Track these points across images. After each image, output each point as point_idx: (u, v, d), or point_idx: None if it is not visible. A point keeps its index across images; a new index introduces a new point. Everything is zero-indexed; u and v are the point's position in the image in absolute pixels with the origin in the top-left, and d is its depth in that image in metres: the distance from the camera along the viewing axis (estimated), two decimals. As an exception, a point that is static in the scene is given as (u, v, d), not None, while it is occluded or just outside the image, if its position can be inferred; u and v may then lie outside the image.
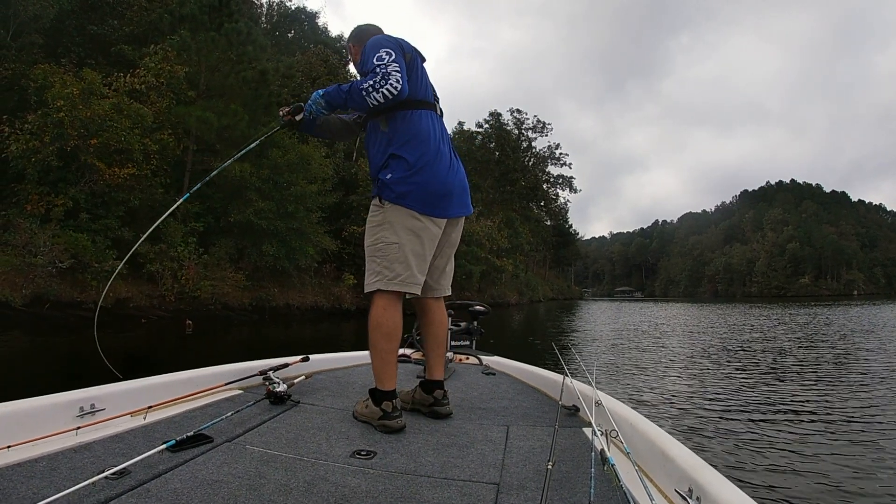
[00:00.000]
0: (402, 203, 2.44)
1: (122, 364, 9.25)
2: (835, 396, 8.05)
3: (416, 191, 2.43)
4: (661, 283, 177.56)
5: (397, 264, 2.43)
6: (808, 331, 20.20)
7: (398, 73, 2.29)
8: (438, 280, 2.75)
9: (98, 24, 24.47)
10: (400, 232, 2.44)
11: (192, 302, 20.34)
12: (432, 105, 2.59)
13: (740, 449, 5.43)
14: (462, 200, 2.63)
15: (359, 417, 2.47)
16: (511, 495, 1.67)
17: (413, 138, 2.46)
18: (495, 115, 71.25)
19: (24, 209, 17.67)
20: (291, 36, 49.07)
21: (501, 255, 47.36)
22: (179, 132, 22.32)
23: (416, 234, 2.46)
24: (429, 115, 2.54)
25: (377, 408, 2.38)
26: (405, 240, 2.44)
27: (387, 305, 2.45)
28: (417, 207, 2.45)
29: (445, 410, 2.63)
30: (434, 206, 2.48)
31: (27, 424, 1.87)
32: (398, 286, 2.44)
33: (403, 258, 2.44)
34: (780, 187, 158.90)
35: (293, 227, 24.33)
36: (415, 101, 2.49)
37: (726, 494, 1.41)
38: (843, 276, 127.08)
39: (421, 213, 2.46)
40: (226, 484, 1.63)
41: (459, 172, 2.61)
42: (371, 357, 2.46)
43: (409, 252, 2.45)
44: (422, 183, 2.44)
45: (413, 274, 2.46)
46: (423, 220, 2.47)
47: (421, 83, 2.54)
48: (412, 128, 2.47)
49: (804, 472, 4.76)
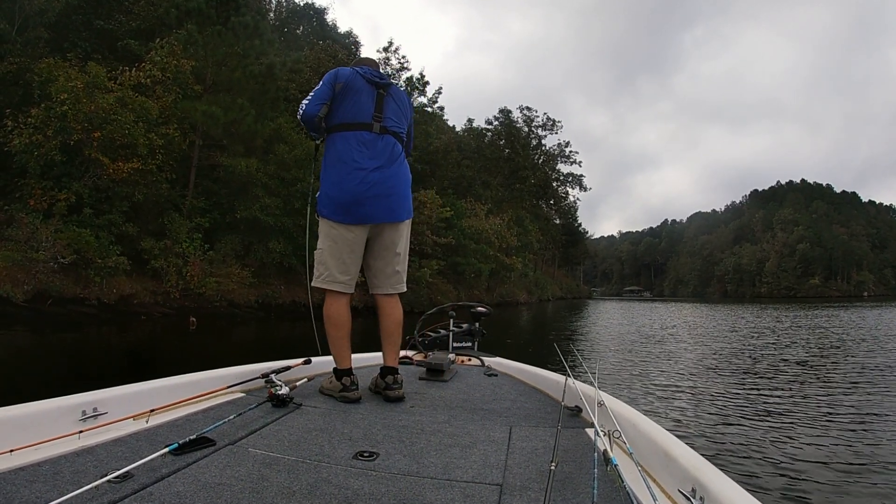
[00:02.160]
0: (323, 215, 2.96)
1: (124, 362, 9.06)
2: (840, 398, 8.12)
3: (329, 203, 2.92)
4: (670, 282, 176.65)
5: (321, 266, 2.99)
6: (815, 332, 20.24)
7: (305, 103, 2.93)
8: (379, 279, 3.14)
9: (105, 18, 24.33)
10: (324, 239, 2.98)
11: (198, 299, 20.09)
12: (364, 125, 2.95)
13: (744, 449, 5.48)
14: (386, 207, 2.96)
15: (324, 391, 2.96)
16: (514, 496, 1.67)
17: (334, 157, 2.93)
18: (505, 112, 70.75)
19: (27, 204, 17.51)
20: (300, 32, 48.89)
21: (511, 254, 46.87)
22: (185, 127, 22.05)
23: (333, 241, 2.95)
24: (356, 135, 2.93)
25: (338, 382, 2.89)
26: (325, 245, 2.97)
27: (331, 301, 2.99)
28: (332, 217, 2.93)
29: (395, 394, 2.93)
30: (345, 215, 2.91)
31: (29, 428, 1.87)
32: (322, 284, 2.99)
33: (324, 261, 2.97)
34: (790, 187, 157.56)
35: (300, 224, 23.93)
36: (342, 124, 2.95)
37: (730, 494, 1.41)
38: (854, 277, 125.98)
39: (335, 222, 2.93)
40: (228, 487, 1.63)
41: (387, 184, 2.95)
42: (328, 342, 2.99)
43: (328, 256, 2.96)
44: (333, 196, 2.90)
45: (332, 274, 2.96)
46: (338, 228, 2.94)
47: (352, 107, 2.96)
48: (335, 148, 2.94)
49: (807, 472, 4.82)
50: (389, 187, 2.96)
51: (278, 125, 25.12)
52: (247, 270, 22.20)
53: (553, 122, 73.08)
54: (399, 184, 3.02)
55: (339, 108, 2.94)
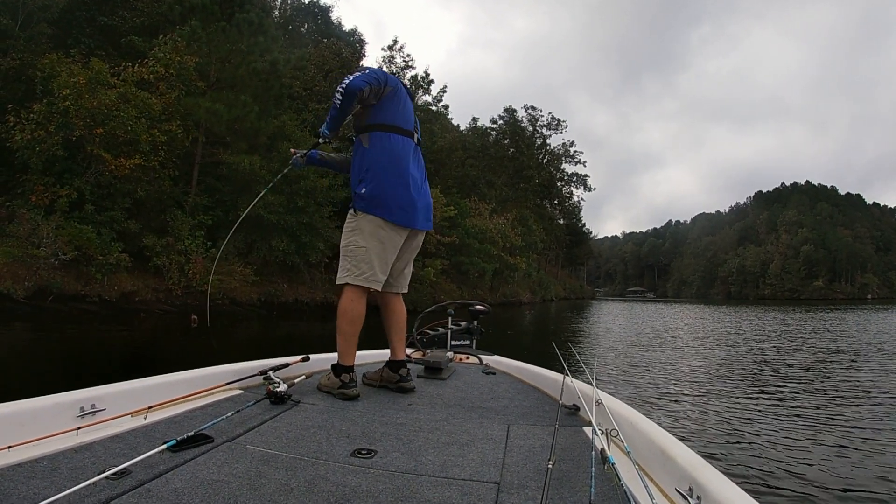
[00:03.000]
0: (373, 213, 2.92)
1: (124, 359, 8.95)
2: (837, 398, 8.18)
3: (385, 203, 2.91)
4: (674, 283, 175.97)
5: (364, 264, 2.93)
6: (815, 334, 20.21)
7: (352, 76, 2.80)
8: (397, 279, 3.24)
9: (108, 15, 24.23)
10: (369, 238, 2.93)
11: (199, 296, 19.92)
12: (410, 133, 3.04)
13: (741, 448, 5.49)
14: (426, 216, 3.13)
15: (322, 388, 2.92)
16: (511, 494, 1.67)
17: (388, 157, 2.93)
18: (510, 112, 70.58)
19: (28, 200, 17.39)
20: (305, 31, 48.74)
21: (515, 253, 46.70)
22: (189, 124, 21.93)
23: (381, 241, 2.95)
24: (404, 140, 2.99)
25: (337, 379, 2.87)
26: (371, 245, 2.93)
27: (353, 297, 2.93)
28: (387, 217, 2.93)
29: (410, 385, 3.08)
30: (401, 217, 2.96)
31: (27, 425, 1.87)
32: (363, 282, 2.93)
33: (368, 259, 2.93)
34: (794, 189, 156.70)
35: (303, 222, 23.97)
36: (393, 126, 2.96)
37: (727, 493, 1.40)
38: (858, 279, 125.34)
39: (386, 223, 2.94)
40: (226, 484, 1.63)
41: (426, 194, 3.16)
42: (336, 338, 2.94)
43: (373, 255, 2.94)
44: (392, 196, 2.92)
45: (375, 273, 2.95)
46: (387, 229, 2.95)
47: (401, 112, 3.00)
48: (388, 147, 2.94)
49: (805, 472, 4.83)
50: (429, 198, 3.20)
51: (282, 122, 25.00)
52: (249, 268, 22.06)
53: (558, 121, 72.98)
54: (430, 197, 3.23)
55: (389, 109, 2.97)
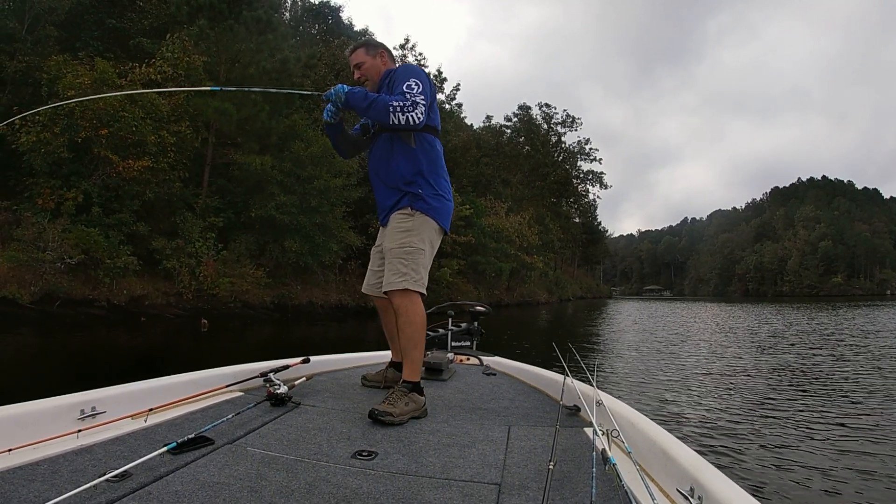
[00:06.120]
0: (432, 216, 2.81)
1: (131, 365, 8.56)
2: (838, 397, 8.11)
3: (442, 209, 2.85)
4: (691, 281, 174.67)
5: (422, 268, 2.78)
6: (822, 332, 19.62)
7: (423, 106, 2.59)
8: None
9: (117, 17, 24.03)
10: (426, 241, 2.80)
11: (211, 300, 19.52)
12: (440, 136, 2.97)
13: (742, 448, 5.48)
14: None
15: (405, 417, 2.45)
16: (512, 496, 1.65)
17: (439, 160, 2.87)
18: (524, 109, 70.20)
19: (35, 203, 17.10)
20: (315, 32, 48.50)
21: (532, 253, 46.12)
22: (198, 124, 21.59)
23: (432, 247, 2.86)
24: (440, 144, 2.93)
25: (422, 398, 2.61)
26: (427, 248, 2.81)
27: (418, 303, 2.74)
28: (442, 223, 2.86)
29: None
30: (447, 224, 2.91)
31: (28, 427, 1.85)
32: (420, 287, 2.75)
33: (425, 264, 2.81)
34: (811, 184, 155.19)
35: (317, 223, 23.47)
36: (436, 129, 2.87)
37: (728, 493, 1.39)
38: (877, 275, 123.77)
39: (440, 229, 2.88)
40: (227, 486, 1.61)
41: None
42: (411, 352, 2.69)
43: (428, 259, 2.83)
44: (446, 203, 2.88)
45: (424, 278, 2.80)
46: (438, 236, 2.89)
47: (436, 114, 2.87)
48: (439, 152, 2.88)
49: (806, 472, 4.81)
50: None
51: (293, 122, 24.57)
52: (261, 270, 21.63)
53: (573, 118, 72.79)
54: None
55: (433, 110, 2.83)
